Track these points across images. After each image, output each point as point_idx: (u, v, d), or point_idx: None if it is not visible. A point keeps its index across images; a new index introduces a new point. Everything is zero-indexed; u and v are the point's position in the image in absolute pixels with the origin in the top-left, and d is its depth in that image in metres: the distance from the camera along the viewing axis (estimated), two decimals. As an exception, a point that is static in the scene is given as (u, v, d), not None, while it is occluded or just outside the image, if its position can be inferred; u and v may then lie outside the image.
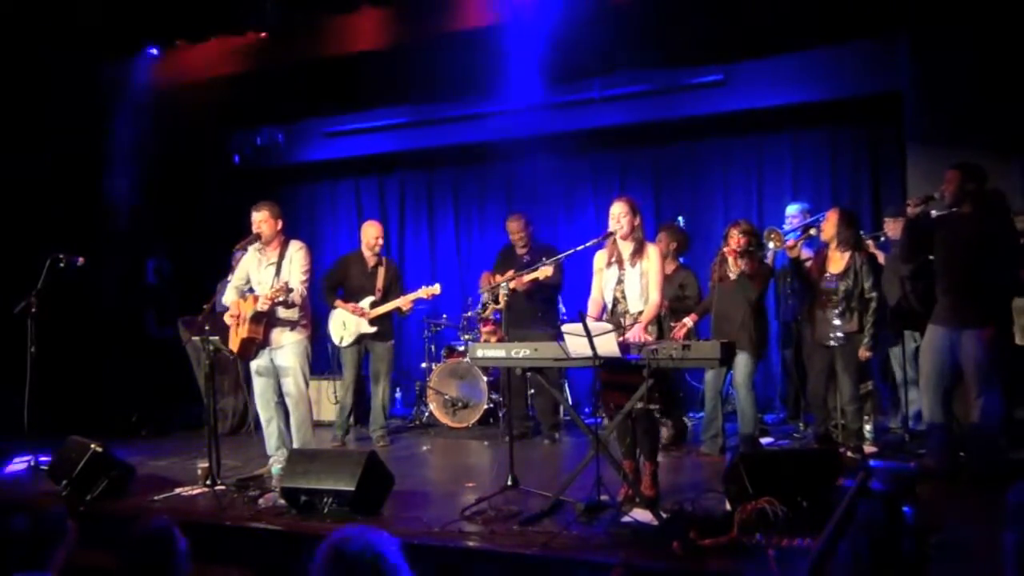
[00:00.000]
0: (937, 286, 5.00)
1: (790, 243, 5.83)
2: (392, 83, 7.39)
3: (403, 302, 6.61)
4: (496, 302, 6.48)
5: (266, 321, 5.36)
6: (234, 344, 5.40)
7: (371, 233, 6.72)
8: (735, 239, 5.59)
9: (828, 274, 5.44)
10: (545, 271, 6.00)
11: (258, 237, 5.45)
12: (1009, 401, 5.04)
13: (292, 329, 5.43)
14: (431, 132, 8.54)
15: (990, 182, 5.48)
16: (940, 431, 4.89)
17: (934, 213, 5.18)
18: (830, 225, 5.50)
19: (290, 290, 5.21)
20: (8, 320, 6.09)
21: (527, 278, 6.14)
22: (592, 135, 8.10)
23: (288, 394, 5.45)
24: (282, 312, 5.37)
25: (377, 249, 6.72)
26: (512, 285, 6.23)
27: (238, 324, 5.36)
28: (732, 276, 5.69)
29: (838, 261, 5.44)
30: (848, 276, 5.35)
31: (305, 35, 7.13)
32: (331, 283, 6.78)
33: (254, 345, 5.38)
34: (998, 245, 4.80)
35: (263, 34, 7.17)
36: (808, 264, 5.79)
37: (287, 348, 5.42)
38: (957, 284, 4.87)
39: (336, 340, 6.76)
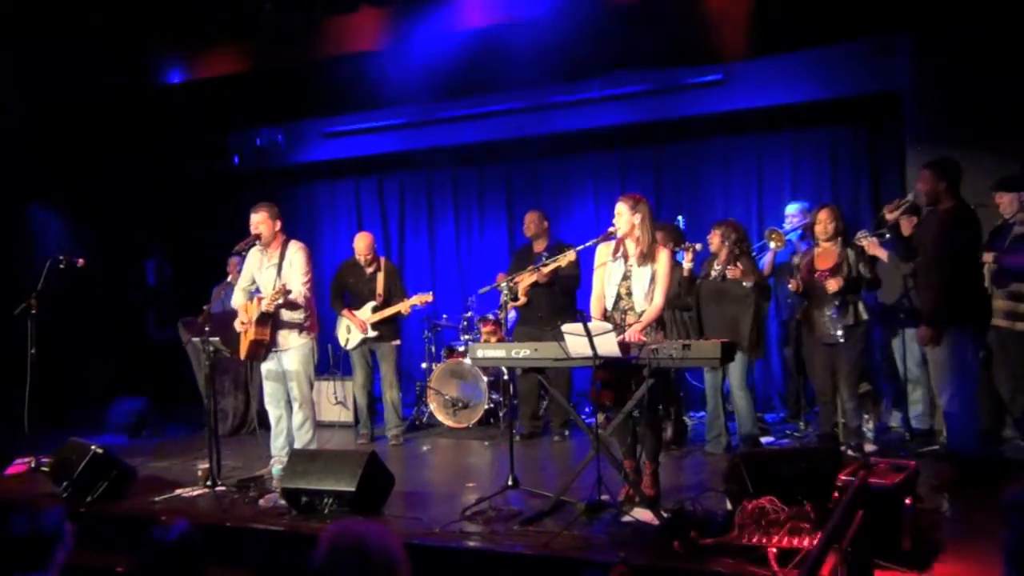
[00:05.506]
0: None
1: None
2: (392, 83, 7.38)
3: (403, 307, 6.78)
4: (515, 299, 6.46)
5: (272, 323, 5.37)
6: (243, 346, 5.41)
7: (360, 246, 6.86)
8: (711, 240, 5.88)
9: (819, 271, 5.42)
10: (568, 257, 5.95)
11: (257, 238, 5.45)
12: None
13: (297, 332, 5.44)
14: (431, 132, 8.52)
15: (990, 182, 5.48)
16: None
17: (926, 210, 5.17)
18: (821, 225, 5.49)
19: (288, 292, 5.22)
20: (8, 321, 6.10)
21: (547, 268, 6.12)
22: (592, 135, 8.09)
23: (293, 396, 5.48)
24: (287, 314, 5.39)
25: (369, 258, 6.86)
26: (535, 278, 6.24)
27: (246, 327, 5.38)
28: (713, 275, 5.80)
29: (828, 256, 5.44)
30: (841, 269, 5.34)
31: (304, 35, 7.12)
32: (336, 290, 6.94)
33: (262, 347, 5.40)
34: (954, 243, 4.67)
35: (262, 35, 7.17)
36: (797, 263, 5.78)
37: (293, 351, 5.43)
38: (922, 282, 4.93)
39: (342, 343, 6.96)
